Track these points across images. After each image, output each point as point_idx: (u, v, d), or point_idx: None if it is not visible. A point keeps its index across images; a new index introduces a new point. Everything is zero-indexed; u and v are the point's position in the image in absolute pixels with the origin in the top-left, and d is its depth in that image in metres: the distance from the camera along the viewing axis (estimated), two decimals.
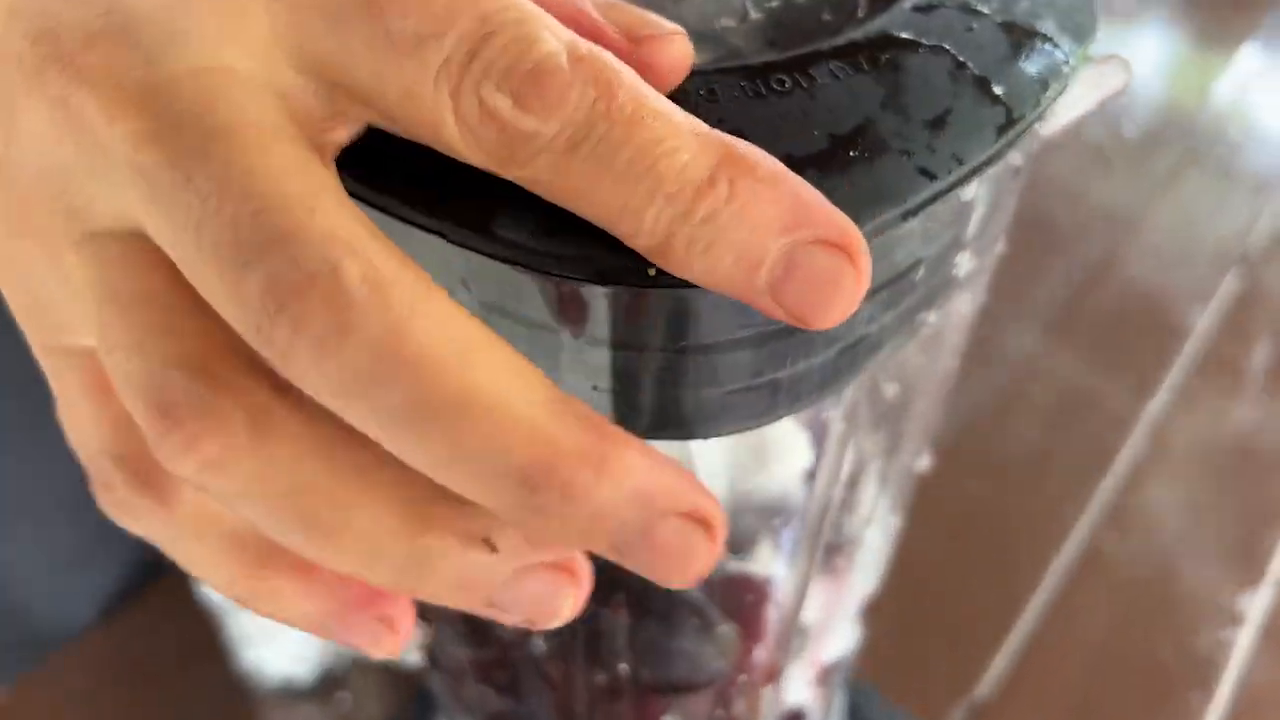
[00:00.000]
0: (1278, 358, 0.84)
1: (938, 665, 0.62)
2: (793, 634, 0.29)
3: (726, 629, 0.26)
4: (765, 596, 0.28)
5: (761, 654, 0.28)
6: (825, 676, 0.34)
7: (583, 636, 0.26)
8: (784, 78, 0.18)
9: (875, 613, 0.41)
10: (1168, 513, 0.73)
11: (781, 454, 0.29)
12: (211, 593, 0.56)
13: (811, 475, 0.28)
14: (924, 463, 0.30)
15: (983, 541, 0.70)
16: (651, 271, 0.16)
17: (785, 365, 0.19)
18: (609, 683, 0.27)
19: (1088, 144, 1.07)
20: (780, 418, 0.20)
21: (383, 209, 0.17)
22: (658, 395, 0.19)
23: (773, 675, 0.28)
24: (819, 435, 0.27)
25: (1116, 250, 0.94)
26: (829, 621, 0.32)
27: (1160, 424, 0.78)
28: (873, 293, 0.19)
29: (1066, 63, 0.20)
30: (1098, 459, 0.76)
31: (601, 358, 0.19)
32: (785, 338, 0.19)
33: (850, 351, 0.20)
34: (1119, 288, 0.90)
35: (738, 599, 0.28)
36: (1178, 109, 1.13)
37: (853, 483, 0.29)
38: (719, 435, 0.20)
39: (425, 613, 0.32)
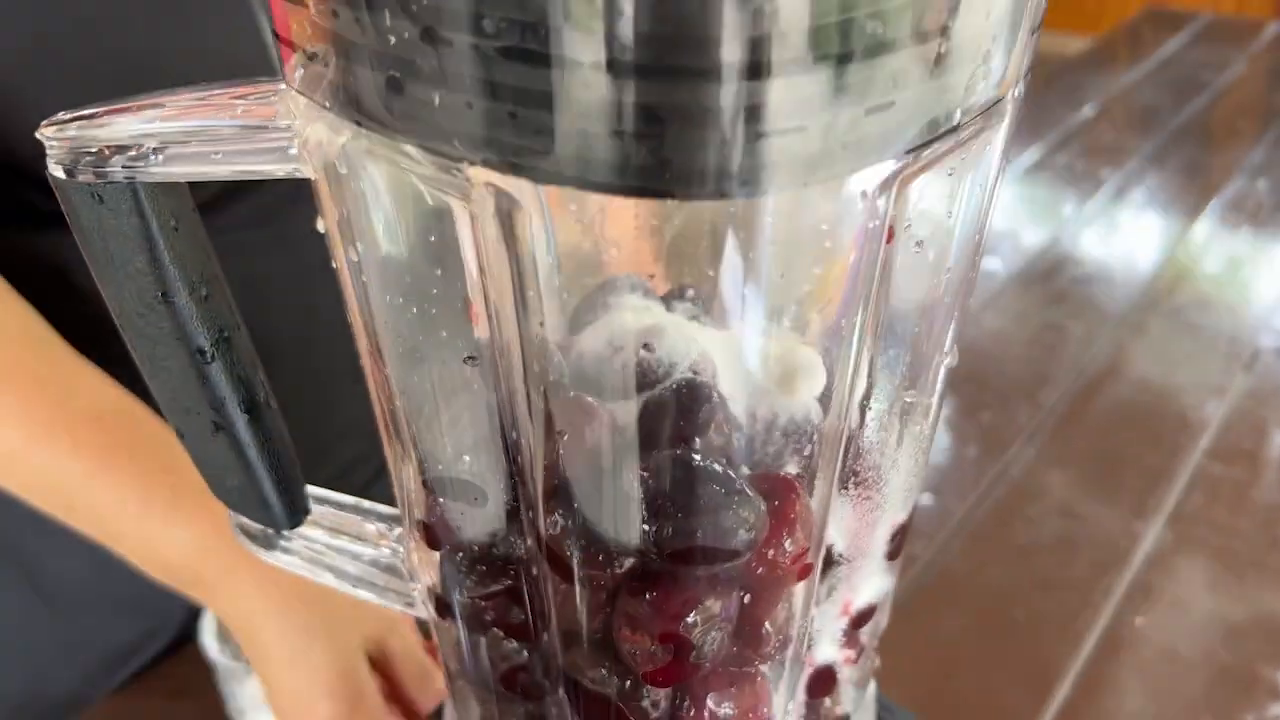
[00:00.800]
0: None
1: None
2: (822, 537, 0.28)
3: (753, 497, 0.25)
4: (793, 489, 0.27)
5: (791, 546, 0.26)
6: (855, 632, 0.32)
7: (608, 504, 0.25)
8: None
9: (908, 695, 0.40)
10: (1196, 592, 0.71)
11: (805, 377, 0.28)
12: (218, 659, 0.55)
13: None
14: (953, 360, 0.29)
15: (1011, 624, 0.68)
16: None
17: (813, 112, 0.19)
18: (630, 571, 0.26)
19: (1087, 259, 1.08)
20: (810, 182, 0.20)
21: None
22: (683, 139, 0.19)
23: (804, 573, 0.27)
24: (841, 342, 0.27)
25: (1124, 351, 0.94)
26: (859, 550, 0.30)
27: (1180, 510, 0.77)
28: (896, 44, 0.19)
29: None
30: (1121, 542, 0.74)
31: (628, 95, 0.18)
32: (805, 71, 0.18)
33: (878, 116, 0.20)
34: (1130, 384, 0.90)
35: (764, 490, 0.26)
36: (1169, 227, 1.15)
37: (876, 381, 0.28)
38: (744, 195, 0.20)
39: (434, 542, 0.30)
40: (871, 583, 0.32)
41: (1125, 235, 1.14)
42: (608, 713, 0.28)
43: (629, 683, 0.28)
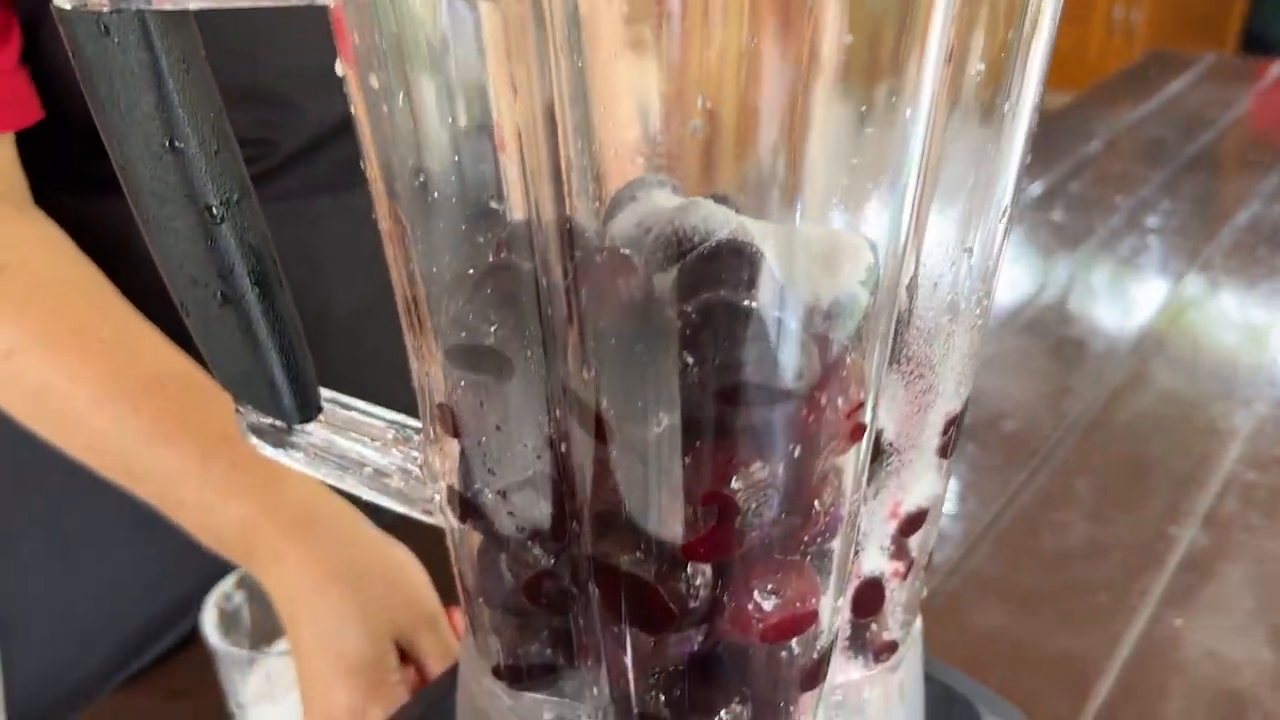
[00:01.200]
0: None
1: None
2: (876, 402, 0.26)
3: (804, 339, 0.23)
4: (843, 348, 0.25)
5: (842, 401, 0.24)
6: (904, 541, 0.30)
7: (652, 347, 0.23)
8: None
9: None
10: (1236, 594, 0.68)
11: (849, 260, 0.26)
12: (219, 646, 0.52)
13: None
14: (1009, 219, 0.27)
15: (1045, 625, 0.65)
16: None
17: None
18: (672, 429, 0.24)
19: (1102, 280, 1.07)
20: None
21: None
22: None
23: (856, 434, 0.25)
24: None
25: (1145, 365, 0.92)
26: (910, 440, 0.28)
27: (1215, 514, 0.74)
28: None
29: None
30: (1155, 546, 0.72)
31: None
32: None
33: None
34: (1154, 396, 0.88)
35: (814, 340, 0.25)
36: (1184, 250, 1.14)
37: (931, 238, 0.26)
38: None
39: (457, 430, 0.28)
40: (923, 481, 0.30)
41: (1140, 258, 1.13)
42: (643, 603, 0.26)
43: (666, 564, 0.25)
